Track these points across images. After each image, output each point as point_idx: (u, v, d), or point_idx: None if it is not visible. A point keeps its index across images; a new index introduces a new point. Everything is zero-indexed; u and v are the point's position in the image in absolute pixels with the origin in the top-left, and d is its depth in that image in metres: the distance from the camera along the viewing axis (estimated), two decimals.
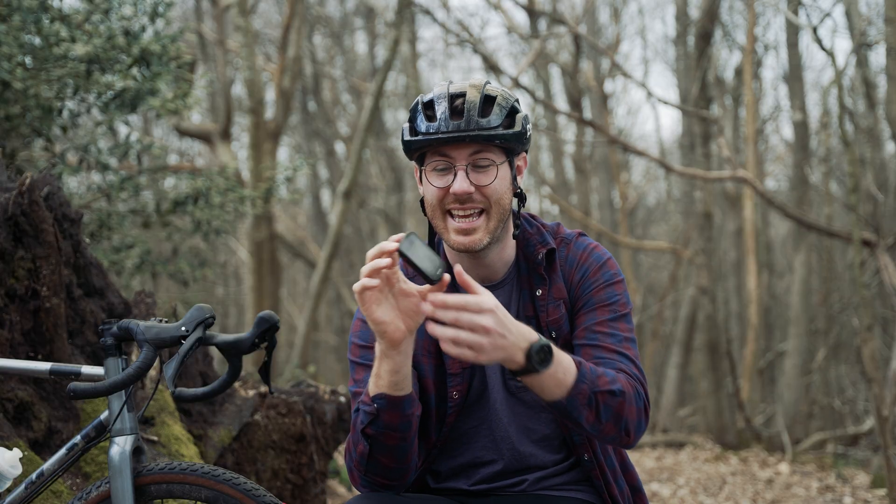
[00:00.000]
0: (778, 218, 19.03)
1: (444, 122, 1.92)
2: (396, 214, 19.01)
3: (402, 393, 1.83)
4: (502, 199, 1.97)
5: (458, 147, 1.93)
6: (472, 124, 1.91)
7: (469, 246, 1.96)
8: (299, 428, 3.81)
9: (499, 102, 1.95)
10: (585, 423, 1.82)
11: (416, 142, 1.95)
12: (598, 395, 1.81)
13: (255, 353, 8.10)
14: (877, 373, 7.02)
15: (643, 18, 24.90)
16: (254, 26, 14.97)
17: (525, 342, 1.70)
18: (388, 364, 1.80)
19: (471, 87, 1.95)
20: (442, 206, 1.97)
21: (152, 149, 6.09)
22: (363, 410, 1.86)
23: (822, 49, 8.55)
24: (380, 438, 1.85)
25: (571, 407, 1.79)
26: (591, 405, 1.81)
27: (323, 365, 20.10)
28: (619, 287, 2.03)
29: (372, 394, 1.83)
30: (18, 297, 2.98)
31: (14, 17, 4.86)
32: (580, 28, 15.67)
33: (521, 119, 1.97)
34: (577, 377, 1.79)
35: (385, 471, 1.90)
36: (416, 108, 1.98)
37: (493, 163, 1.95)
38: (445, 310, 1.65)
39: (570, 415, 1.81)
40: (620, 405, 1.84)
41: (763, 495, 8.12)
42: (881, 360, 10.42)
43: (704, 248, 12.98)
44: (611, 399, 1.83)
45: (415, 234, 1.70)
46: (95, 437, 2.11)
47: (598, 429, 1.84)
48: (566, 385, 1.78)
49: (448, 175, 1.95)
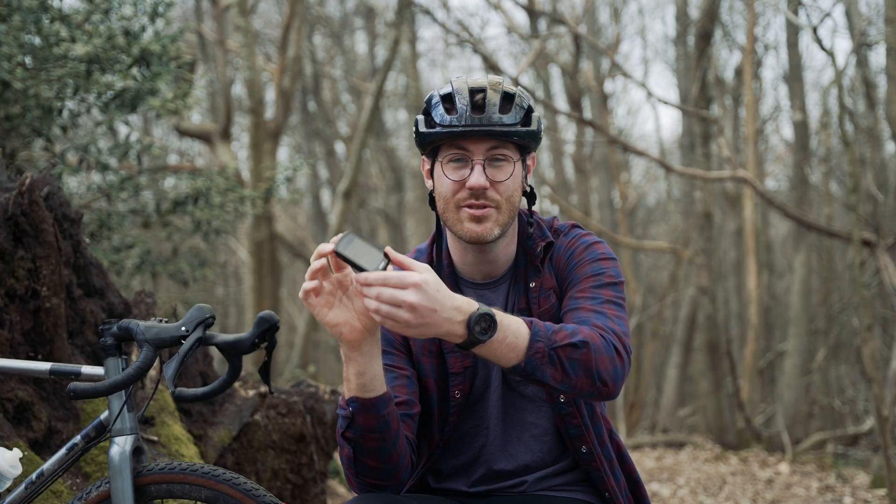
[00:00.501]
0: (778, 218, 19.03)
1: (465, 115, 1.92)
2: (396, 214, 19.01)
3: (372, 395, 1.82)
4: (513, 196, 1.98)
5: (477, 141, 1.94)
6: (493, 120, 1.92)
7: (481, 235, 1.96)
8: (299, 428, 3.81)
9: (517, 101, 1.97)
10: (553, 382, 1.77)
11: (436, 133, 1.95)
12: (559, 350, 1.77)
13: (255, 353, 8.10)
14: (877, 373, 7.02)
15: (643, 18, 24.92)
16: (254, 26, 14.97)
17: (462, 315, 1.67)
18: (353, 367, 1.79)
19: (490, 83, 1.97)
20: (456, 199, 1.97)
21: (152, 149, 6.09)
22: (340, 415, 1.86)
23: (822, 49, 8.55)
24: (360, 441, 1.85)
25: (532, 368, 1.76)
26: (554, 362, 1.77)
27: (323, 365, 20.10)
28: (608, 263, 2.02)
29: (346, 397, 1.83)
30: (18, 297, 2.98)
31: (14, 17, 4.86)
32: (580, 28, 15.67)
33: (536, 118, 2.00)
34: (531, 337, 1.75)
35: (373, 472, 1.89)
36: (432, 100, 1.99)
37: (509, 159, 1.96)
38: (368, 287, 1.63)
39: (534, 376, 1.76)
40: (586, 356, 1.79)
41: (763, 495, 8.12)
42: (881, 360, 10.42)
43: (704, 248, 12.98)
44: (573, 352, 1.78)
45: (352, 233, 1.69)
46: (95, 437, 2.11)
47: (570, 385, 1.79)
48: (520, 348, 1.75)
49: (464, 169, 1.96)
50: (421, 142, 1.99)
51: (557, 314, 2.02)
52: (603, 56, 16.60)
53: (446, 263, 2.09)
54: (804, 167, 12.91)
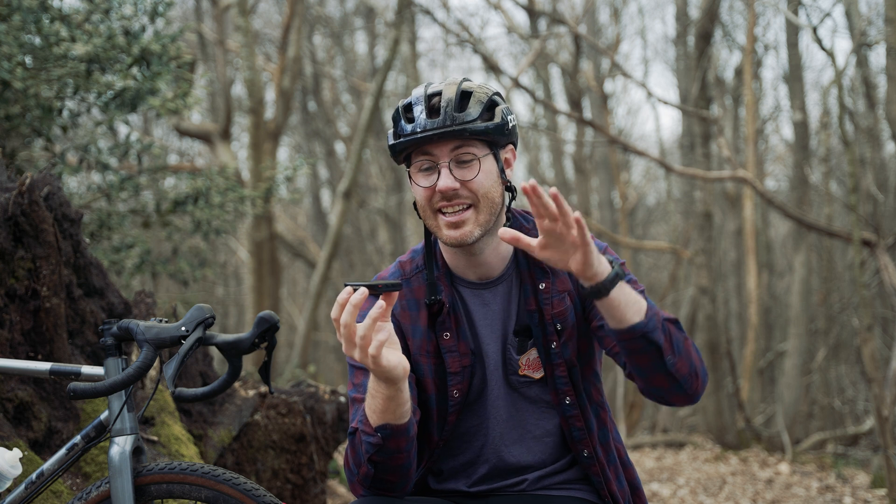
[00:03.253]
0: (778, 218, 19.02)
1: (422, 121, 1.93)
2: (396, 214, 19.01)
3: (404, 420, 1.83)
4: (489, 192, 1.96)
5: (439, 144, 1.94)
6: (449, 119, 1.92)
7: (460, 239, 1.96)
8: (299, 428, 3.81)
9: (476, 97, 1.96)
10: (665, 351, 1.78)
11: (399, 144, 1.97)
12: (667, 323, 1.82)
13: (255, 353, 8.10)
14: (877, 373, 7.02)
15: (643, 18, 24.80)
16: (254, 26, 14.97)
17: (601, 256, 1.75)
18: (390, 398, 1.78)
19: (447, 86, 1.97)
20: (431, 205, 1.97)
21: (152, 148, 6.08)
22: (366, 441, 1.85)
23: (822, 49, 8.54)
24: (387, 462, 1.86)
25: (652, 327, 1.77)
26: (665, 332, 1.80)
27: (323, 365, 20.10)
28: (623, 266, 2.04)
29: (375, 425, 1.83)
30: (18, 297, 2.98)
31: (14, 17, 4.86)
32: (580, 28, 15.66)
33: (502, 111, 1.97)
34: (648, 303, 1.81)
35: (390, 485, 1.91)
36: (397, 112, 2.00)
37: (475, 157, 1.95)
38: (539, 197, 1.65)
39: (652, 337, 1.76)
40: (686, 341, 1.84)
41: (763, 495, 8.12)
42: (881, 360, 10.42)
43: (704, 248, 12.97)
44: (677, 331, 1.83)
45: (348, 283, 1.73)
46: (95, 437, 2.11)
47: (673, 363, 1.80)
48: (642, 305, 1.78)
49: (433, 174, 1.96)
50: (393, 153, 2.01)
51: (571, 318, 2.02)
52: (603, 56, 16.60)
53: (440, 265, 2.08)
54: (804, 167, 12.91)
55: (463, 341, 2.04)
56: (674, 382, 1.82)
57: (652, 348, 1.77)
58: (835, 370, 15.04)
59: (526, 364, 2.05)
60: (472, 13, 30.12)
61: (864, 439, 11.68)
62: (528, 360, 2.05)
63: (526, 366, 2.05)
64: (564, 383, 2.03)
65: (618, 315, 1.76)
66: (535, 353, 2.04)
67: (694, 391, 1.85)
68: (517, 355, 2.04)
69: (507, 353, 2.05)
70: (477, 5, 35.88)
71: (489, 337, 2.06)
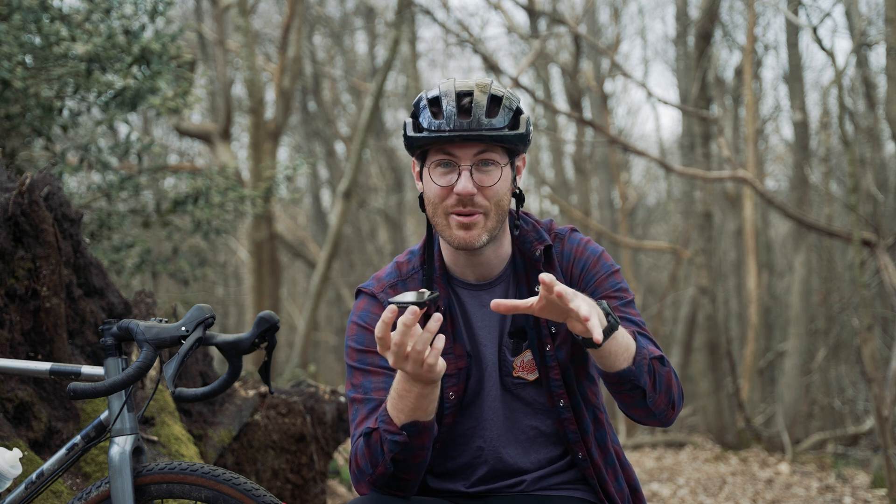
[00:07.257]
0: (778, 218, 19.02)
1: (451, 119, 1.90)
2: (396, 214, 19.01)
3: (431, 416, 1.87)
4: (502, 200, 1.96)
5: (464, 146, 1.92)
6: (480, 124, 1.90)
7: (469, 242, 1.95)
8: (299, 428, 3.81)
9: (504, 103, 1.94)
10: (648, 392, 1.85)
11: (422, 138, 1.94)
12: (653, 362, 1.86)
13: (255, 353, 8.09)
14: (877, 373, 7.02)
15: (643, 18, 24.77)
16: (254, 26, 14.97)
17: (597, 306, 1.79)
18: (423, 396, 1.81)
19: (477, 86, 1.94)
20: (444, 205, 1.96)
21: (152, 148, 6.08)
22: (391, 440, 1.85)
23: (822, 49, 8.54)
24: (409, 460, 1.87)
25: (638, 373, 1.83)
26: (650, 372, 1.85)
27: (323, 365, 20.09)
28: (619, 276, 2.06)
29: (401, 423, 1.84)
30: (18, 297, 2.98)
31: (14, 17, 4.86)
32: (580, 28, 15.66)
33: (525, 120, 1.97)
34: (637, 343, 1.85)
35: (405, 483, 1.92)
36: (420, 103, 1.96)
37: (497, 163, 1.95)
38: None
39: (637, 382, 1.84)
40: (668, 375, 1.89)
41: (763, 495, 8.12)
42: (881, 360, 10.41)
43: (704, 248, 12.96)
44: (660, 367, 1.88)
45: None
46: (95, 437, 2.11)
47: (653, 399, 1.87)
48: (631, 351, 1.83)
49: (451, 174, 1.94)
50: (409, 145, 1.98)
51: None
52: (603, 56, 16.60)
53: (438, 265, 2.07)
54: (804, 167, 12.90)
55: (458, 343, 2.04)
56: (650, 413, 1.92)
57: (637, 391, 1.86)
58: (835, 370, 15.04)
59: (520, 366, 2.05)
60: (472, 13, 30.16)
61: (864, 439, 11.67)
62: (523, 361, 2.05)
63: (520, 367, 2.05)
64: (559, 386, 2.03)
65: (608, 362, 1.82)
66: (530, 354, 2.04)
67: (668, 419, 1.95)
68: (512, 357, 2.04)
69: (502, 354, 2.05)
70: (477, 5, 35.90)
71: (487, 338, 2.06)
